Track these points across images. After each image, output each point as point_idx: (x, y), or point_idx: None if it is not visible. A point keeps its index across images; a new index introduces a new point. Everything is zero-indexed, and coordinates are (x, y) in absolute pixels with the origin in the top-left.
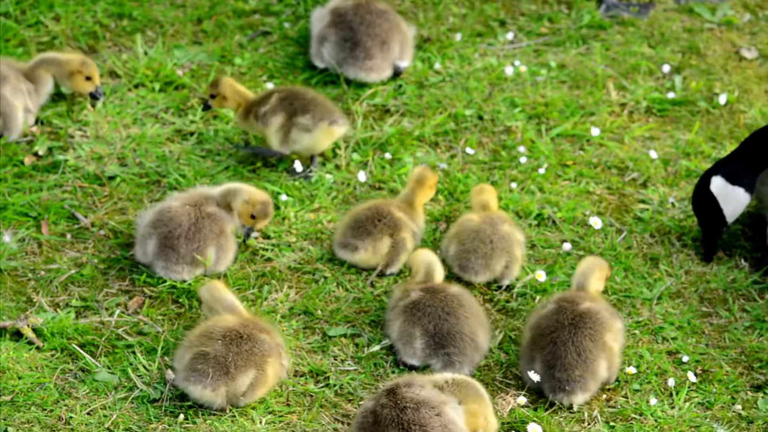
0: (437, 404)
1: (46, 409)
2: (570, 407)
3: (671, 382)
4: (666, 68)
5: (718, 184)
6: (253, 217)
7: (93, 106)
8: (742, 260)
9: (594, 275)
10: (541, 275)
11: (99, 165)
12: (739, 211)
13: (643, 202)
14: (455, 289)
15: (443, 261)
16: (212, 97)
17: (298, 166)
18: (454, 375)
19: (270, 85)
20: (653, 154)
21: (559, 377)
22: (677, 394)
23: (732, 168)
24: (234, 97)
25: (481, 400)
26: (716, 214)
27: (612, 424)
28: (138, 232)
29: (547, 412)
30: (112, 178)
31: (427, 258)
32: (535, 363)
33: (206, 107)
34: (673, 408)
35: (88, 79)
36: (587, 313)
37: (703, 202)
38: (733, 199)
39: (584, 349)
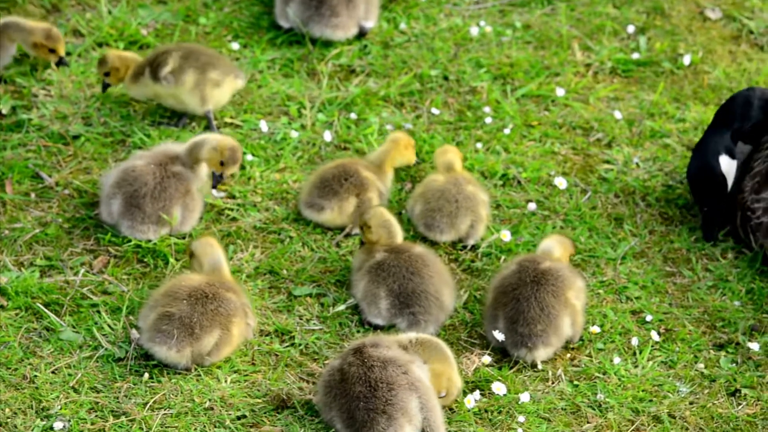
0: (404, 363)
1: (10, 368)
2: (534, 365)
3: (635, 341)
4: (630, 29)
5: (726, 163)
6: (222, 163)
7: (57, 66)
8: None
9: (556, 250)
10: (506, 235)
11: (63, 124)
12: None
13: (607, 162)
14: (420, 249)
15: (408, 221)
16: (107, 75)
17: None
18: (419, 335)
19: (235, 45)
20: (618, 115)
21: (521, 332)
22: (640, 353)
23: (728, 143)
24: (124, 64)
25: (446, 360)
26: (723, 191)
27: (576, 382)
28: (102, 193)
29: (512, 370)
30: (76, 137)
31: (385, 218)
32: (498, 321)
33: (105, 87)
34: (636, 367)
35: (52, 51)
36: (549, 271)
37: (714, 184)
38: (734, 172)
39: (546, 305)
